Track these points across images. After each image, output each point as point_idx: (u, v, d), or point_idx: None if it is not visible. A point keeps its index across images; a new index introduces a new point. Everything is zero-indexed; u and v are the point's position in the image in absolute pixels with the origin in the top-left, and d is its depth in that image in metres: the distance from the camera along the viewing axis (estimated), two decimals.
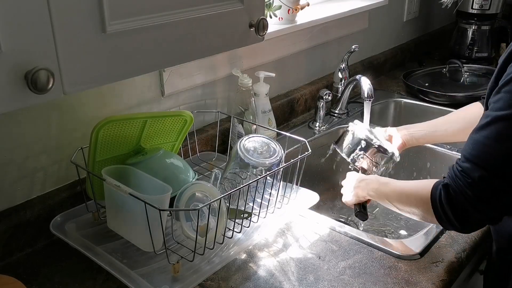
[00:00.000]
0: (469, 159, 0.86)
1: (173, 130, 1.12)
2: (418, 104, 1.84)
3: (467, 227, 0.91)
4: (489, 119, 0.84)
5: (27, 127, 1.02)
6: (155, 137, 1.10)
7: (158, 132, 1.09)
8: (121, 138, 1.03)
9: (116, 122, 0.99)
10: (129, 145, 1.07)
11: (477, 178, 0.84)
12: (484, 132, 0.85)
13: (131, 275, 0.92)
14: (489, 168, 0.83)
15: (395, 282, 0.95)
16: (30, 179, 1.05)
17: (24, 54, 0.61)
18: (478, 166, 0.84)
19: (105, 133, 0.99)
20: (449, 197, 0.88)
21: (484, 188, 0.84)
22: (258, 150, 1.07)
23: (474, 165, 0.85)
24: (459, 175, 0.86)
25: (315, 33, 1.70)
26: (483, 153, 0.85)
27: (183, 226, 0.94)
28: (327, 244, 1.06)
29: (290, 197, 1.15)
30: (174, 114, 1.10)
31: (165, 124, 1.09)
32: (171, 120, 1.09)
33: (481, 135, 0.85)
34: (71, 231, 1.03)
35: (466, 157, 0.87)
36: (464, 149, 0.88)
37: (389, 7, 2.02)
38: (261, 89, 1.40)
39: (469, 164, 0.85)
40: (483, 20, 2.18)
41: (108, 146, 1.02)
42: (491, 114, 0.84)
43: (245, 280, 0.96)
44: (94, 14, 0.67)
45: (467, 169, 0.85)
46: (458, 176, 0.87)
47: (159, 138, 1.12)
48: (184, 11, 0.79)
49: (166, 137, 1.13)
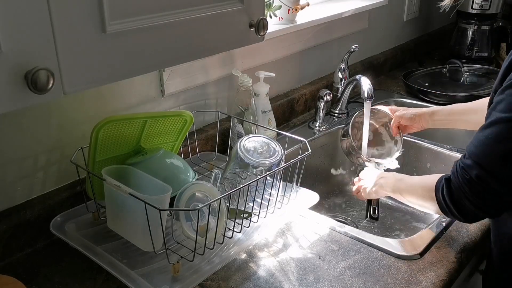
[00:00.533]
0: (470, 156, 0.88)
1: (173, 130, 1.12)
2: (418, 104, 1.84)
3: (469, 218, 0.93)
4: (492, 119, 0.86)
5: (27, 127, 1.02)
6: (155, 137, 1.10)
7: (158, 132, 1.09)
8: (121, 138, 1.03)
9: (116, 122, 0.99)
10: (129, 145, 1.06)
11: (475, 176, 0.86)
12: (486, 131, 0.87)
13: (131, 275, 0.92)
14: (487, 167, 0.86)
15: (395, 282, 0.95)
16: (30, 179, 1.05)
17: (24, 54, 0.61)
18: (477, 164, 0.87)
19: (105, 133, 0.99)
20: (450, 191, 0.92)
21: (480, 186, 0.87)
22: (258, 150, 1.07)
23: (474, 163, 0.87)
24: (460, 171, 0.89)
25: (315, 33, 1.70)
26: (482, 152, 0.87)
27: (183, 226, 0.94)
28: (327, 244, 1.06)
29: (290, 197, 1.15)
30: (174, 114, 1.10)
31: (165, 124, 1.09)
32: (171, 120, 1.09)
33: (483, 134, 0.87)
34: (71, 231, 1.03)
35: (468, 154, 0.89)
36: (468, 146, 0.90)
37: (389, 7, 2.02)
38: (261, 89, 1.40)
39: (470, 161, 0.88)
40: (483, 20, 2.18)
41: (108, 146, 1.02)
42: (495, 114, 0.86)
43: (245, 280, 0.96)
44: (94, 14, 0.67)
45: (467, 166, 0.88)
46: (458, 172, 0.90)
47: (159, 138, 1.11)
48: (184, 11, 0.79)
49: (166, 137, 1.13)
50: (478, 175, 0.86)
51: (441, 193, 0.93)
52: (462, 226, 1.11)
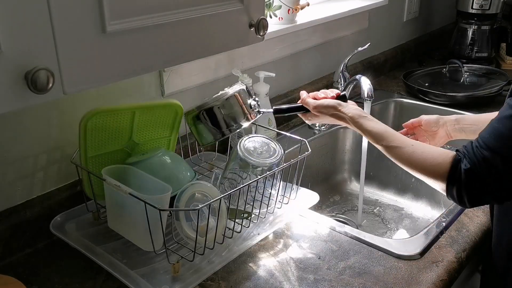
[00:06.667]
0: (489, 147, 0.85)
1: (165, 123, 1.11)
2: (418, 104, 1.84)
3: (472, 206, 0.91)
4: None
5: (27, 127, 1.02)
6: (147, 131, 1.09)
7: (149, 125, 1.08)
8: (111, 131, 1.02)
9: (103, 113, 0.98)
10: (121, 140, 1.06)
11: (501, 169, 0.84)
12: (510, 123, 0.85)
13: (131, 275, 0.92)
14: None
15: (395, 282, 0.95)
16: (30, 179, 1.05)
17: (24, 54, 0.61)
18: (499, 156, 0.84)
19: (93, 125, 0.98)
20: (469, 183, 0.87)
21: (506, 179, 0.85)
22: (258, 150, 1.07)
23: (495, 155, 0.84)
24: (483, 163, 0.86)
25: (315, 33, 1.70)
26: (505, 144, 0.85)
27: (183, 226, 0.94)
28: (327, 244, 1.06)
29: (290, 197, 1.15)
30: (162, 104, 1.08)
31: (155, 115, 1.08)
32: (160, 112, 1.08)
33: (506, 127, 0.85)
34: (71, 231, 1.03)
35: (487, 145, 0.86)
36: (486, 137, 0.87)
37: (389, 7, 2.02)
38: (261, 89, 1.40)
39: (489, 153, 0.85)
40: (483, 20, 2.18)
41: (99, 141, 1.02)
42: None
43: (245, 280, 0.96)
44: (94, 14, 0.67)
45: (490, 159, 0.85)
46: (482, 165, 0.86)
47: (151, 132, 1.10)
48: (184, 11, 0.79)
49: (159, 130, 1.12)
50: (504, 168, 0.84)
51: (457, 180, 0.88)
52: (462, 226, 1.12)
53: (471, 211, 1.17)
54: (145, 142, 1.10)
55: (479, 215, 1.15)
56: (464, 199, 0.89)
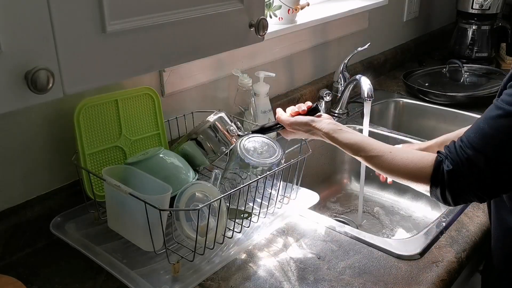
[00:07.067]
0: (474, 147, 0.86)
1: (147, 112, 1.15)
2: (418, 104, 1.84)
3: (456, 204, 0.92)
4: (501, 112, 0.85)
5: (27, 127, 1.02)
6: (134, 123, 1.13)
7: (133, 116, 1.12)
8: (102, 123, 1.06)
9: (90, 104, 1.03)
10: (113, 135, 1.09)
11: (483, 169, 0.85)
12: (495, 124, 0.85)
13: (131, 275, 0.92)
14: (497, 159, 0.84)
15: (395, 282, 0.95)
16: (30, 179, 1.05)
17: (24, 54, 0.61)
18: (484, 157, 0.85)
19: (84, 118, 1.02)
20: (452, 183, 0.88)
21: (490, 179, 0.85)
22: (258, 150, 1.07)
23: (480, 155, 0.85)
24: (466, 163, 0.86)
25: (315, 33, 1.70)
26: (490, 144, 0.85)
27: (183, 226, 0.94)
28: (327, 244, 1.06)
29: (290, 197, 1.15)
30: (136, 89, 1.12)
31: (136, 105, 1.12)
32: (139, 100, 1.13)
33: (491, 127, 0.85)
34: (71, 231, 1.03)
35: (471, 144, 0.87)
36: (471, 136, 0.88)
37: (389, 7, 2.02)
38: (261, 89, 1.40)
39: (473, 152, 0.86)
40: (483, 20, 2.18)
41: (92, 134, 1.05)
42: (504, 108, 0.84)
43: (245, 280, 0.96)
44: (94, 14, 0.67)
45: (474, 157, 0.86)
46: (464, 165, 0.86)
47: (138, 124, 1.13)
48: (184, 11, 0.79)
49: (144, 122, 1.15)
50: (486, 168, 0.84)
51: (440, 181, 0.89)
52: (462, 226, 1.12)
53: (471, 211, 1.17)
54: (136, 138, 1.13)
55: (479, 215, 1.16)
56: (448, 199, 0.90)
